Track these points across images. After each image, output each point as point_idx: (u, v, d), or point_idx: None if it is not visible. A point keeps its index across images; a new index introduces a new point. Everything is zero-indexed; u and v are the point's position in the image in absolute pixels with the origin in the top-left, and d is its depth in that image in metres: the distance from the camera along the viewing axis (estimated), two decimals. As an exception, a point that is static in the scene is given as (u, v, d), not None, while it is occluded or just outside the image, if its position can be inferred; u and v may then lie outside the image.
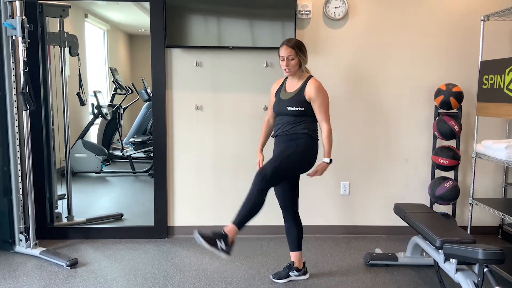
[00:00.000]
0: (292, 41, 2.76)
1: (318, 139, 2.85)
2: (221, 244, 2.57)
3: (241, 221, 2.65)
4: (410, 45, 3.76)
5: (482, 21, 3.26)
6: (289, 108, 2.76)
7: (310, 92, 2.73)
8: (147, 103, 6.59)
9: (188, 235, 3.86)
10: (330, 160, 2.81)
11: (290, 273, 3.00)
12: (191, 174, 3.83)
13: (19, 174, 3.42)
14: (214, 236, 2.57)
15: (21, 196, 3.46)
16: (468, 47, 3.77)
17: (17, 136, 3.37)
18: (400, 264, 3.26)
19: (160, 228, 3.82)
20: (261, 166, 2.94)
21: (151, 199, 3.81)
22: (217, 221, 3.86)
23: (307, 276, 3.03)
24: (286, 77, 2.90)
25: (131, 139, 6.26)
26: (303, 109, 2.74)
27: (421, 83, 3.80)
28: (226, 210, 3.86)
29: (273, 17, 3.54)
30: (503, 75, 2.94)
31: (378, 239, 3.86)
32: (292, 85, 2.83)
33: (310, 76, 2.82)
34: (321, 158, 2.81)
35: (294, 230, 2.97)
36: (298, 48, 2.74)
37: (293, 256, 3.01)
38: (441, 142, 3.79)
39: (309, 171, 2.83)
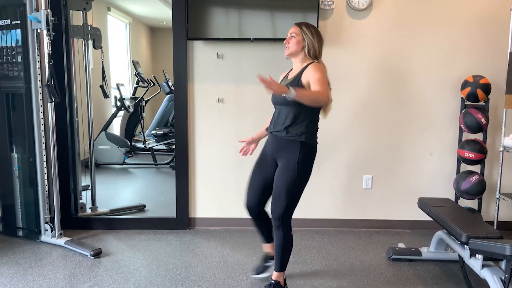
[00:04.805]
0: (302, 22, 2.56)
1: (317, 144, 2.56)
2: None
3: (283, 265, 2.62)
4: (436, 36, 3.67)
5: (511, 11, 3.16)
6: (284, 95, 2.26)
7: (308, 74, 2.40)
8: (169, 95, 6.64)
9: (209, 227, 3.88)
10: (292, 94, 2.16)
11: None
12: (212, 166, 3.84)
13: (45, 165, 3.48)
14: None
15: (47, 187, 3.52)
16: (497, 38, 3.66)
17: (42, 128, 3.43)
18: (423, 259, 3.21)
19: (182, 220, 3.85)
20: (244, 149, 2.83)
21: (172, 191, 3.84)
22: (238, 213, 3.86)
23: None
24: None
25: (153, 132, 6.33)
26: None
27: (447, 75, 3.71)
28: (247, 203, 3.87)
29: (295, 8, 3.49)
30: (534, 66, 2.84)
31: (401, 234, 3.80)
32: (293, 72, 2.58)
33: (314, 62, 2.49)
34: (317, 162, 2.58)
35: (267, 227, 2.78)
36: (306, 27, 2.50)
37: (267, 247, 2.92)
38: (467, 136, 3.70)
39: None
